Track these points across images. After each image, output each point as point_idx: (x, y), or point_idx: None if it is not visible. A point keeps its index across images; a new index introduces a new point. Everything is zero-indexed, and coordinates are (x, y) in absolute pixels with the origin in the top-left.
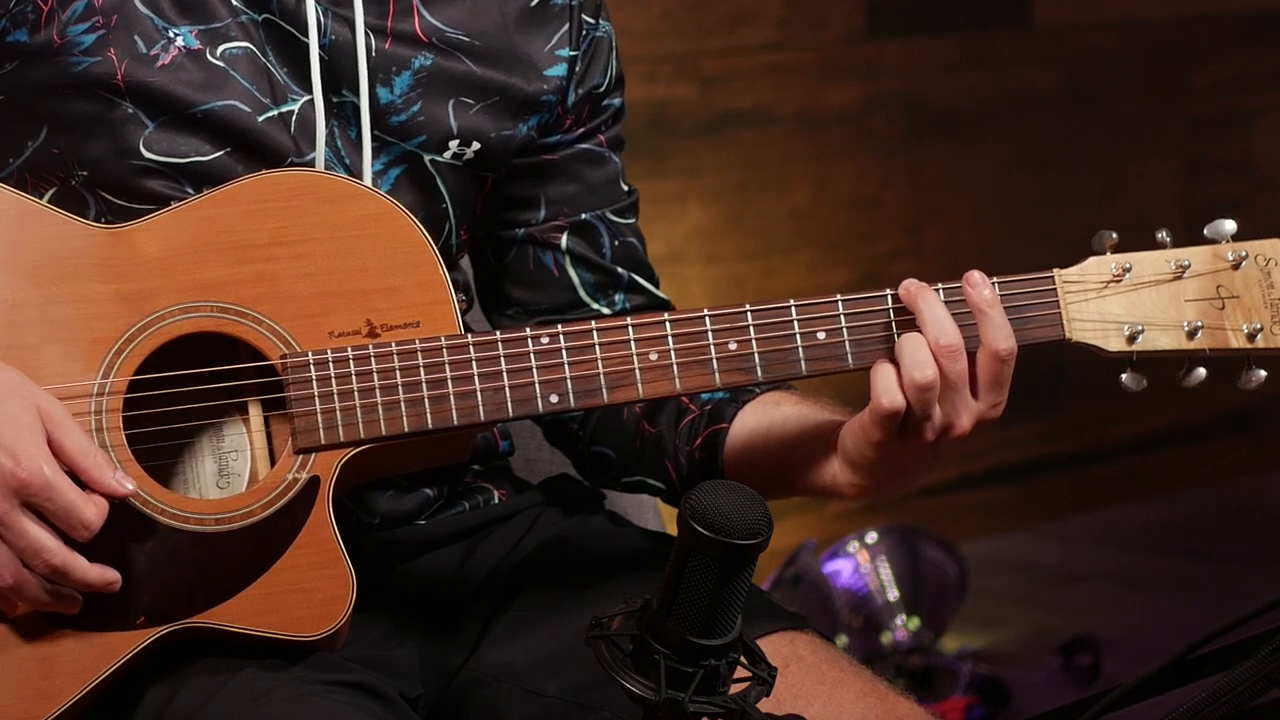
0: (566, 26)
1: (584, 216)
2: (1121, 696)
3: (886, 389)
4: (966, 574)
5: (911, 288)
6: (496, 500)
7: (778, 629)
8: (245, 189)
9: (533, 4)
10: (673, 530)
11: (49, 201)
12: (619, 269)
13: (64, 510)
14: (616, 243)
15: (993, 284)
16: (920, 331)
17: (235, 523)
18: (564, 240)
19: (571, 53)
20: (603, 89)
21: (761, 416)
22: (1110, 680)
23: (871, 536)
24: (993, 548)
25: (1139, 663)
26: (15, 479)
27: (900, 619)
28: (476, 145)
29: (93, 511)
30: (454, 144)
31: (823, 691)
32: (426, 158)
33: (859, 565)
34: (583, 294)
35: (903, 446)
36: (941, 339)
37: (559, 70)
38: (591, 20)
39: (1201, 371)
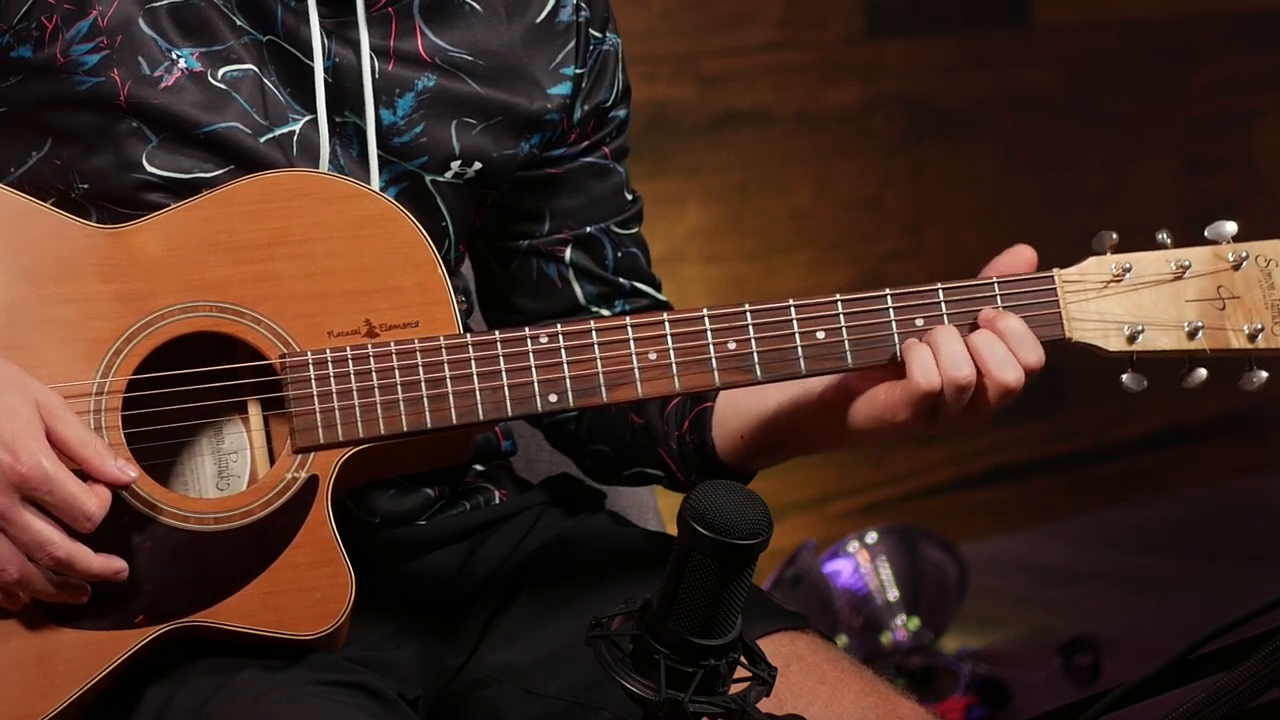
0: (573, 44)
1: (588, 230)
2: (1121, 696)
3: (924, 370)
4: (966, 574)
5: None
6: (497, 500)
7: (778, 629)
8: (245, 189)
9: (539, 20)
10: (673, 530)
11: None
12: (621, 279)
13: (65, 502)
14: (619, 254)
15: (998, 307)
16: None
17: (234, 521)
18: (567, 253)
19: (578, 70)
20: (609, 103)
21: (746, 388)
22: (1110, 680)
23: (871, 536)
24: (993, 548)
25: (1139, 663)
26: (15, 473)
27: (900, 619)
28: (478, 165)
29: (95, 502)
30: (455, 164)
31: (823, 691)
32: (428, 178)
33: (859, 565)
34: (583, 303)
35: (924, 427)
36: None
37: (563, 89)
38: (599, 34)
39: (1202, 372)
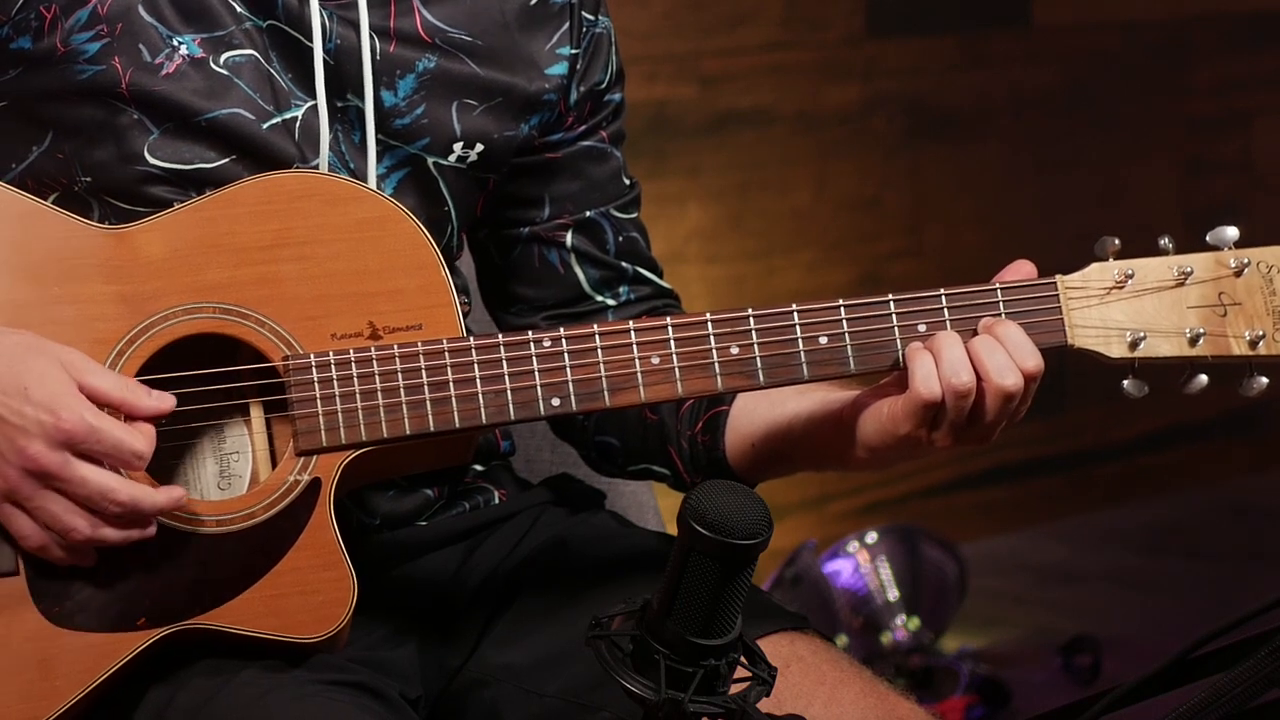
0: (567, 25)
1: (588, 214)
2: (1121, 696)
3: (925, 378)
4: (966, 574)
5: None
6: (497, 500)
7: (778, 629)
8: (248, 190)
9: (532, 3)
10: (673, 530)
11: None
12: (623, 263)
13: (115, 447)
14: (620, 238)
15: (1000, 314)
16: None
17: (236, 524)
18: (568, 238)
19: (573, 51)
20: (604, 85)
21: (761, 397)
22: (1110, 680)
23: (871, 536)
24: (993, 548)
25: (1139, 663)
26: (60, 431)
27: (900, 619)
28: (480, 147)
29: (142, 440)
30: (458, 147)
31: (823, 692)
32: (430, 160)
33: (859, 565)
34: (587, 289)
35: (928, 438)
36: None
37: (560, 69)
38: (591, 17)
39: (1203, 378)
